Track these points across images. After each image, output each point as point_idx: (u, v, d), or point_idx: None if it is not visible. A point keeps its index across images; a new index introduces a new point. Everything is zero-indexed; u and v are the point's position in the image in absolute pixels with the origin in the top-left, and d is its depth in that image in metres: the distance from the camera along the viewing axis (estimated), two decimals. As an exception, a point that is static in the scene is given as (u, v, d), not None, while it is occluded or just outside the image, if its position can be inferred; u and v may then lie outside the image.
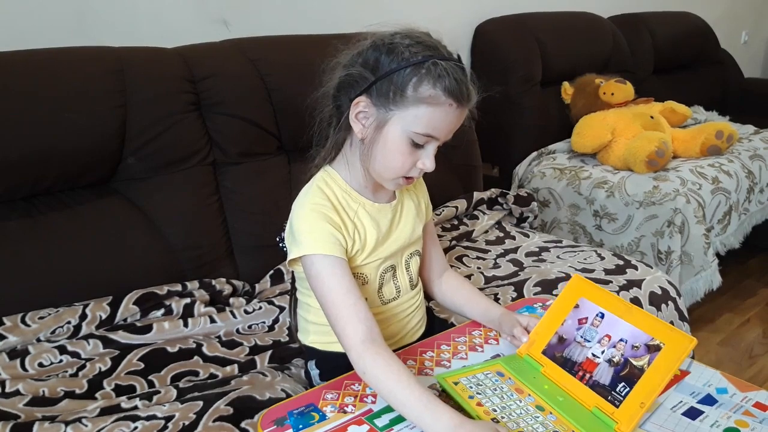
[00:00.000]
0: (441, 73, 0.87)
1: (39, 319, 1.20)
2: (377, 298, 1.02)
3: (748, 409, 0.86)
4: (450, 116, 0.90)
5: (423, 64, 0.87)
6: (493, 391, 0.89)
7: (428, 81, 0.87)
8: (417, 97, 0.88)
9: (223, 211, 1.49)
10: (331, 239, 0.92)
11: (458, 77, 0.88)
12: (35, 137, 1.25)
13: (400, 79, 0.88)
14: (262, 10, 1.84)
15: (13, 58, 1.29)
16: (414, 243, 1.07)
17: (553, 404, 0.87)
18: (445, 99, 0.88)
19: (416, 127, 0.89)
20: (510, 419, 0.83)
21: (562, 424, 0.83)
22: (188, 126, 1.43)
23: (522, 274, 1.51)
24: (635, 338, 0.87)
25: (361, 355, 0.86)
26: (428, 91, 0.87)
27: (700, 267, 1.97)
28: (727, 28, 3.62)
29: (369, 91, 0.90)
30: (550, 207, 2.21)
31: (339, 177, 0.99)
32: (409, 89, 0.88)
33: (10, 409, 1.00)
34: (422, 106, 0.88)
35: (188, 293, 1.34)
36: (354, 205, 0.98)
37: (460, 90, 0.88)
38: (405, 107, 0.89)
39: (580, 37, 2.62)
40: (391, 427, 0.82)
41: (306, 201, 0.95)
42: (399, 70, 0.88)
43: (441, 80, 0.87)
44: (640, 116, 2.28)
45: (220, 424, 0.95)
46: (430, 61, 0.87)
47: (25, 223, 1.26)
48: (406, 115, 0.89)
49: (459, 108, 0.90)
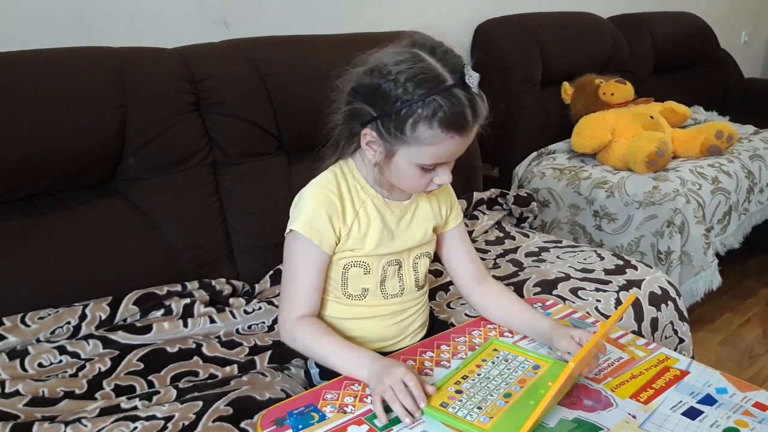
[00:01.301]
0: (436, 110, 0.85)
1: (39, 319, 1.20)
2: (380, 292, 1.03)
3: (747, 409, 0.86)
4: (455, 146, 0.90)
5: (417, 104, 0.85)
6: (505, 369, 0.93)
7: (424, 121, 0.86)
8: (416, 137, 0.88)
9: (223, 212, 1.49)
10: (323, 230, 0.95)
11: (457, 108, 0.86)
12: (35, 137, 1.25)
13: (397, 119, 0.87)
14: (262, 11, 1.84)
15: (13, 59, 1.29)
16: (424, 245, 1.07)
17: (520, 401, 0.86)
18: (444, 135, 0.87)
19: (422, 160, 0.91)
20: (476, 384, 0.90)
21: (495, 411, 0.83)
22: (188, 126, 1.43)
23: (522, 274, 1.51)
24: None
25: (294, 327, 0.97)
26: (425, 131, 0.87)
27: (700, 267, 1.97)
28: (727, 28, 3.61)
29: (373, 124, 0.90)
30: (549, 207, 2.21)
31: (355, 168, 1.01)
32: (407, 130, 0.87)
33: (9, 410, 1.00)
34: (422, 145, 0.88)
35: (188, 293, 1.34)
36: (363, 196, 0.99)
37: (459, 122, 0.87)
38: (407, 145, 0.89)
39: (580, 37, 2.62)
40: (390, 427, 0.82)
41: (320, 180, 0.99)
42: (394, 111, 0.87)
43: (436, 117, 0.85)
44: (639, 116, 2.28)
45: (220, 425, 0.95)
46: (425, 100, 0.85)
47: (25, 223, 1.26)
48: (410, 150, 0.90)
49: (462, 137, 0.89)
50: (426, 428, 0.82)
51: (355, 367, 0.91)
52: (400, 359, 0.97)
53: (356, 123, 0.93)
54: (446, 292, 1.43)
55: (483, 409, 0.84)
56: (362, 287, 1.02)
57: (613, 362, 0.98)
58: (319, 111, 1.03)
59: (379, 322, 1.04)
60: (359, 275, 1.01)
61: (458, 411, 0.83)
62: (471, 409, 0.84)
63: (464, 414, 0.83)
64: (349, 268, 1.00)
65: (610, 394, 0.90)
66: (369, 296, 1.02)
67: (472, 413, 0.83)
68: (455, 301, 1.39)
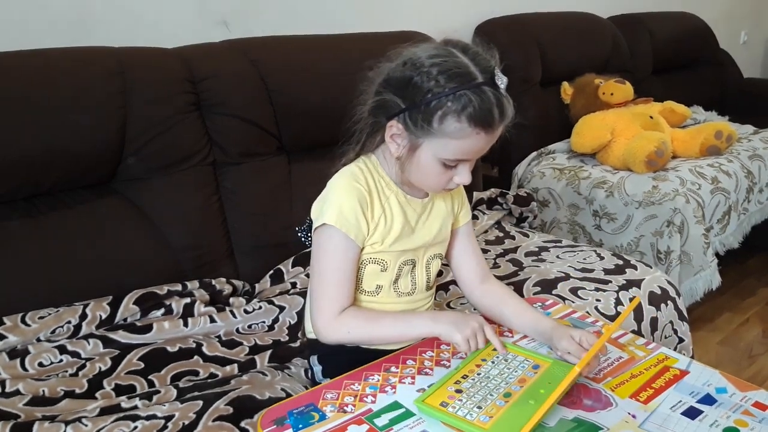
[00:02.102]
0: (466, 104, 0.86)
1: (39, 318, 1.20)
2: (393, 290, 1.04)
3: (747, 409, 0.86)
4: (480, 142, 0.91)
5: (447, 97, 0.86)
6: (504, 369, 0.93)
7: (453, 114, 0.87)
8: (443, 130, 0.88)
9: (224, 211, 1.49)
10: (356, 223, 0.95)
11: (486, 105, 0.87)
12: (36, 138, 1.25)
13: (426, 111, 0.88)
14: (263, 11, 1.84)
15: (14, 59, 1.29)
16: (438, 245, 1.07)
17: (520, 400, 0.86)
18: (471, 130, 0.88)
19: (446, 154, 0.91)
20: (476, 384, 0.89)
21: (495, 410, 0.83)
22: (188, 126, 1.44)
23: (521, 273, 1.52)
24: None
25: (342, 322, 0.97)
26: (453, 124, 0.87)
27: (700, 267, 1.97)
28: (727, 28, 3.62)
29: (400, 116, 0.91)
30: (549, 207, 2.21)
31: (378, 164, 1.01)
32: (435, 122, 0.88)
33: (10, 409, 1.00)
34: (448, 138, 0.89)
35: (188, 293, 1.34)
36: (387, 192, 1.00)
37: (486, 119, 0.87)
38: (433, 137, 0.89)
39: (580, 37, 2.62)
40: (390, 427, 0.82)
41: (345, 173, 0.99)
42: (424, 103, 0.88)
43: (465, 111, 0.86)
44: (639, 116, 2.28)
45: (220, 424, 0.95)
46: (456, 93, 0.86)
47: (26, 224, 1.26)
48: (436, 143, 0.90)
49: (488, 134, 0.90)
50: (426, 428, 0.82)
51: (427, 327, 0.97)
52: (400, 359, 0.97)
53: (383, 116, 0.93)
54: (446, 291, 1.43)
55: (483, 408, 0.84)
56: (377, 284, 1.03)
57: (612, 362, 0.98)
58: (320, 111, 1.03)
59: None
60: (376, 272, 1.02)
61: (458, 410, 0.83)
62: (471, 409, 0.84)
63: (464, 413, 0.83)
64: (367, 264, 1.01)
65: (609, 394, 0.90)
66: (382, 293, 1.03)
67: (472, 412, 0.83)
68: (455, 300, 1.39)
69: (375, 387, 0.90)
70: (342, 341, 0.99)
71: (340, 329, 0.98)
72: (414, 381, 0.92)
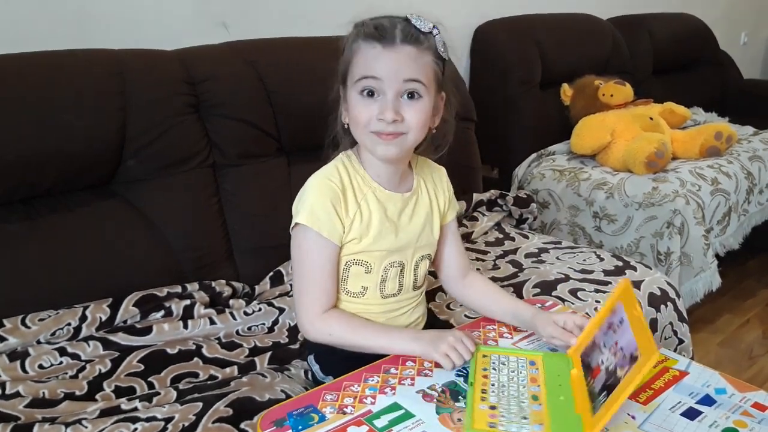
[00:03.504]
0: (363, 25, 0.95)
1: (39, 320, 1.20)
2: (378, 291, 1.04)
3: (746, 410, 0.86)
4: (382, 57, 0.93)
5: (355, 29, 0.95)
6: (509, 372, 0.93)
7: (354, 38, 0.95)
8: (347, 60, 0.96)
9: (223, 213, 1.49)
10: (330, 221, 0.96)
11: (377, 21, 0.94)
12: (35, 139, 1.25)
13: (343, 61, 0.97)
14: (261, 13, 1.84)
15: (13, 61, 1.29)
16: (426, 246, 1.07)
17: (551, 400, 0.87)
18: (366, 44, 0.93)
19: (356, 77, 0.94)
20: (498, 394, 0.88)
21: (539, 416, 0.83)
22: (188, 128, 1.44)
23: (521, 275, 1.52)
24: (628, 348, 0.85)
25: (325, 322, 0.99)
26: (354, 45, 0.95)
27: (700, 268, 1.97)
28: (727, 29, 3.62)
29: (341, 89, 0.99)
30: (549, 208, 2.21)
31: (356, 160, 1.02)
32: (346, 53, 0.96)
33: (10, 411, 1.00)
34: (354, 59, 0.95)
35: (188, 295, 1.34)
36: (365, 189, 1.00)
37: (379, 32, 0.92)
38: (348, 75, 0.96)
39: (580, 38, 2.62)
40: (390, 428, 0.82)
41: (320, 172, 1.01)
42: (343, 54, 0.97)
43: (361, 31, 0.94)
44: (639, 117, 2.28)
45: (220, 425, 0.95)
46: (357, 28, 0.95)
47: (24, 225, 1.26)
48: (351, 78, 0.95)
49: (387, 48, 0.93)
50: (426, 428, 0.82)
51: (405, 344, 0.97)
52: (400, 360, 0.97)
53: (340, 104, 1.00)
54: (446, 293, 1.43)
55: (528, 418, 0.83)
56: (362, 285, 1.03)
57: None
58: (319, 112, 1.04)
59: (371, 318, 1.05)
60: (360, 274, 1.02)
61: (510, 427, 0.82)
62: (519, 421, 0.83)
63: (517, 429, 0.82)
64: (351, 266, 1.01)
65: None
66: (368, 295, 1.03)
67: (522, 425, 0.82)
68: (455, 302, 1.39)
69: (374, 388, 0.90)
70: (324, 342, 1.01)
71: (322, 330, 1.00)
72: (414, 382, 0.92)
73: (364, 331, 1.00)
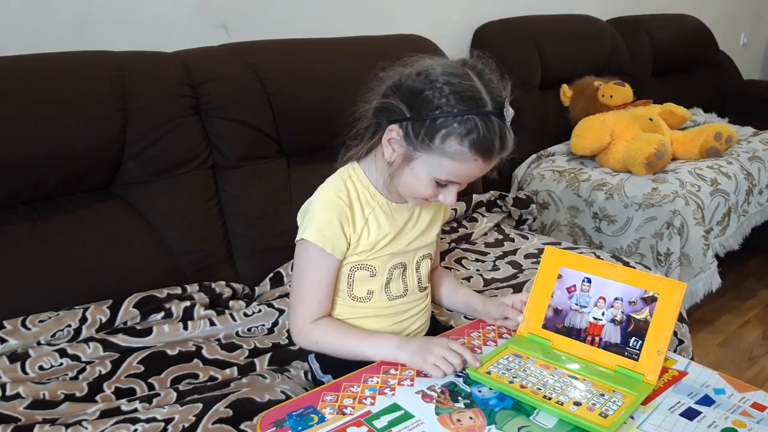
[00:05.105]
0: (471, 129, 0.87)
1: (39, 322, 1.20)
2: (384, 294, 1.04)
3: (745, 410, 0.86)
4: (475, 169, 0.91)
5: (455, 118, 0.87)
6: (525, 372, 0.92)
7: (456, 137, 0.87)
8: (443, 149, 0.89)
9: (223, 215, 1.49)
10: (335, 237, 0.96)
11: (490, 134, 0.87)
12: (36, 142, 1.25)
13: (430, 126, 0.88)
14: (262, 15, 1.84)
15: (14, 64, 1.29)
16: (426, 246, 1.08)
17: (579, 372, 0.90)
18: (470, 155, 0.89)
19: (439, 173, 0.92)
20: (556, 392, 0.87)
21: (599, 387, 0.87)
22: (188, 130, 1.44)
23: (521, 276, 1.52)
24: (629, 294, 0.93)
25: (312, 331, 1.00)
26: (454, 146, 0.88)
27: (700, 268, 1.97)
28: (726, 30, 3.62)
29: (402, 123, 0.91)
30: (549, 209, 2.22)
31: (363, 174, 1.01)
32: (437, 140, 0.88)
33: (10, 413, 1.01)
34: (446, 158, 0.89)
35: (188, 296, 1.34)
36: (372, 203, 1.00)
37: (487, 147, 0.88)
38: (431, 153, 0.90)
39: (579, 39, 2.63)
40: (389, 429, 0.82)
41: (329, 186, 1.00)
42: (430, 118, 0.88)
43: (469, 136, 0.87)
44: (638, 118, 2.28)
45: (220, 426, 0.95)
46: (463, 116, 0.87)
47: (25, 227, 1.26)
48: (432, 160, 0.91)
49: (485, 162, 0.91)
50: (425, 429, 0.82)
51: (390, 352, 0.96)
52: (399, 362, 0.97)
53: (384, 118, 0.93)
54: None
55: (605, 394, 0.87)
56: (368, 289, 1.03)
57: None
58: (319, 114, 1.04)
59: (382, 321, 1.05)
60: (365, 278, 1.02)
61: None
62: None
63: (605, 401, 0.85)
64: (356, 271, 1.02)
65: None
66: (374, 298, 1.04)
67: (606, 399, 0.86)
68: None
69: (374, 389, 0.90)
70: (311, 349, 1.03)
71: (310, 337, 1.01)
72: (413, 383, 0.92)
73: (348, 338, 1.00)
